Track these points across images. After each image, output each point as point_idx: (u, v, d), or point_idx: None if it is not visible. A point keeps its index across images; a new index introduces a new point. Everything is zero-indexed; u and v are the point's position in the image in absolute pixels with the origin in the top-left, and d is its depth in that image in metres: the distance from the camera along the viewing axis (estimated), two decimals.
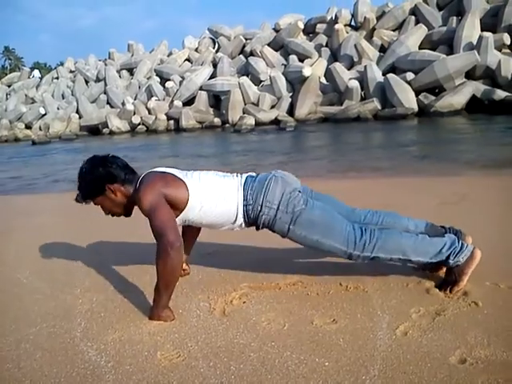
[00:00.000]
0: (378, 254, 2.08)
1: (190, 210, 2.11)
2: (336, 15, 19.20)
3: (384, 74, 15.00)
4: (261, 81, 18.28)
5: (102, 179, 2.12)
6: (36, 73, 30.06)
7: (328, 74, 16.58)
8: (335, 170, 6.62)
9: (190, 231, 2.43)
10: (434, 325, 1.82)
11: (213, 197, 2.11)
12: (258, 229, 2.22)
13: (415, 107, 13.89)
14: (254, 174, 2.26)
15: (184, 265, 2.49)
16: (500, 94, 12.73)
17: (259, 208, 2.10)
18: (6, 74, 34.08)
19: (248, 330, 1.89)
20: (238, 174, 2.25)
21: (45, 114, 22.30)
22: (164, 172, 2.17)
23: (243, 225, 2.19)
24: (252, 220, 2.15)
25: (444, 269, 2.22)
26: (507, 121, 10.64)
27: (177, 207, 2.08)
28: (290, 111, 16.30)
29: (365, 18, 18.34)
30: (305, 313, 2.00)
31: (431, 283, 2.19)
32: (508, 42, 14.39)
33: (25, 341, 1.94)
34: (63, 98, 23.90)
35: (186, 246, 2.19)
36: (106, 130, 19.20)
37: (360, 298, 2.10)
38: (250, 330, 1.89)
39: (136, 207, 2.14)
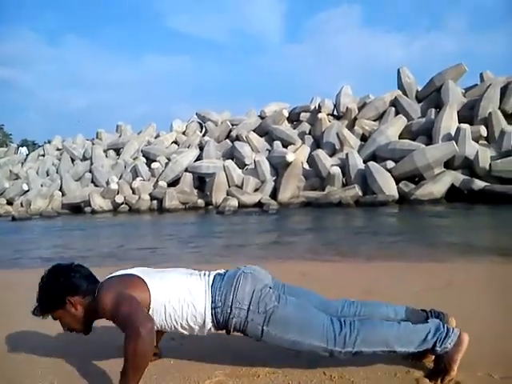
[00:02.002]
0: (361, 347, 1.93)
1: (154, 314, 1.96)
2: (319, 105, 19.99)
3: (365, 162, 15.38)
4: (245, 164, 18.60)
5: (63, 291, 1.99)
6: (23, 150, 30.31)
7: (311, 160, 16.97)
8: (317, 253, 6.51)
9: None
10: None
11: (177, 299, 1.97)
12: (228, 333, 2.06)
13: (396, 194, 14.12)
14: (222, 272, 2.14)
15: (154, 348, 2.31)
16: (479, 183, 13.05)
17: (229, 310, 1.96)
18: None
19: None
20: (206, 273, 2.12)
21: (28, 191, 22.13)
22: (122, 275, 2.06)
23: (212, 329, 2.03)
24: (222, 324, 2.00)
25: (432, 357, 2.09)
26: (487, 210, 10.84)
27: None
28: (274, 194, 16.45)
29: (347, 108, 19.12)
30: None
31: (420, 373, 2.04)
32: (485, 134, 15.00)
33: None
34: (48, 176, 23.90)
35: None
36: (87, 209, 19.02)
37: None
38: None
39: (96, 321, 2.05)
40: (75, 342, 2.66)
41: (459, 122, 15.12)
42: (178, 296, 1.97)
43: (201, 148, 20.93)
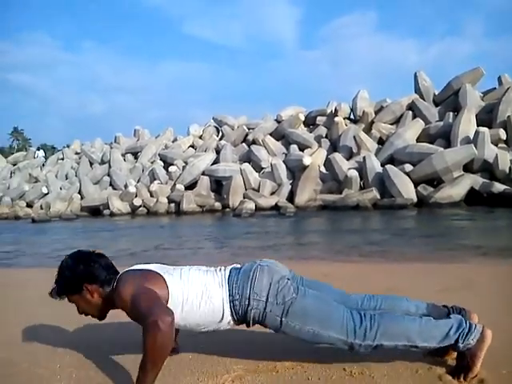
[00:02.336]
0: (381, 341, 1.90)
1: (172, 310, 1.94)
2: (336, 109, 19.94)
3: (382, 165, 15.28)
4: (262, 168, 18.61)
5: (81, 278, 2.00)
6: (40, 153, 30.67)
7: (327, 163, 16.90)
8: (337, 253, 6.48)
9: None
10: None
11: (195, 295, 1.97)
12: (248, 326, 2.04)
13: (414, 198, 13.99)
14: (238, 266, 2.14)
15: (173, 342, 2.30)
16: (498, 187, 12.87)
17: (247, 302, 1.95)
18: (13, 154, 34.83)
19: None
20: (222, 268, 2.12)
21: (47, 194, 22.45)
22: (142, 269, 2.06)
23: (231, 322, 2.02)
24: (241, 316, 1.99)
25: (454, 353, 2.05)
26: (507, 213, 10.65)
27: None
28: (290, 198, 16.41)
29: (363, 111, 19.03)
30: None
31: (442, 369, 1.99)
32: (504, 137, 14.81)
33: None
34: (66, 179, 24.20)
35: None
36: (106, 212, 19.21)
37: None
38: None
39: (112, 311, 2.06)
40: (94, 336, 2.68)
41: (477, 126, 14.94)
42: (195, 292, 1.97)
43: (217, 152, 21.00)
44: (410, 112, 17.98)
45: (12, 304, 3.89)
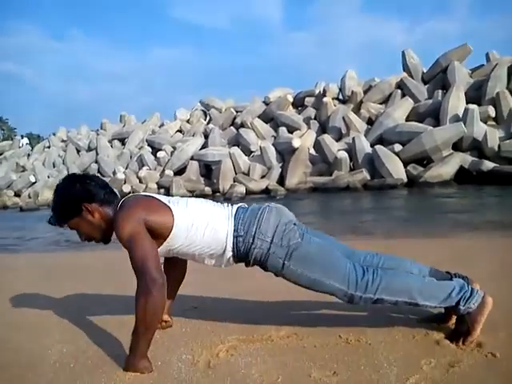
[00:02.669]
0: (382, 295, 1.87)
1: (175, 238, 1.91)
2: (324, 89, 19.76)
3: (372, 146, 15.22)
4: (251, 151, 18.48)
5: (79, 197, 1.93)
6: (25, 141, 30.25)
7: (317, 145, 16.81)
8: (329, 233, 6.45)
9: (174, 275, 2.21)
10: (449, 377, 1.60)
11: (200, 224, 1.92)
12: (247, 265, 2.00)
13: (404, 178, 13.97)
14: (245, 205, 2.09)
15: (165, 316, 2.26)
16: (488, 164, 12.87)
17: (251, 240, 1.91)
18: None
19: (236, 383, 1.65)
20: (229, 204, 2.08)
21: (35, 182, 22.20)
22: (148, 196, 2.00)
23: (231, 259, 1.98)
24: (242, 254, 1.94)
25: (452, 320, 2.03)
26: (496, 190, 10.70)
27: (161, 235, 1.89)
28: (281, 181, 16.34)
29: (352, 91, 18.89)
30: (301, 365, 1.77)
31: (440, 335, 1.97)
32: (493, 115, 14.76)
33: None
34: (54, 167, 23.93)
35: (168, 292, 1.96)
36: None
37: (363, 351, 1.88)
38: (239, 382, 1.66)
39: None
40: (85, 312, 2.63)
41: (467, 103, 14.90)
42: (201, 221, 1.92)
43: (206, 136, 20.83)
44: (399, 91, 17.89)
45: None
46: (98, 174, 21.31)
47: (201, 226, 1.92)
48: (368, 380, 1.61)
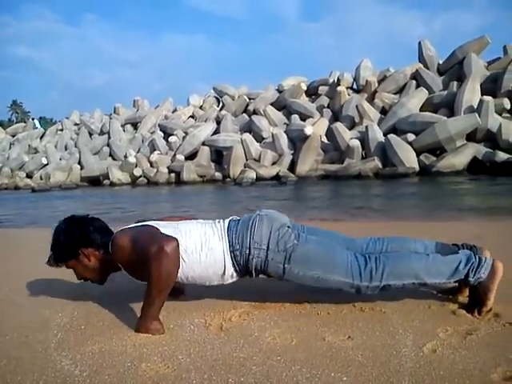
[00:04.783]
0: (388, 281, 1.84)
1: None
2: (338, 78, 19.59)
3: (385, 135, 15.09)
4: (263, 138, 18.41)
5: (76, 242, 1.95)
6: (36, 122, 30.34)
7: (329, 133, 16.70)
8: (338, 215, 6.40)
9: None
10: (467, 343, 1.56)
11: (195, 247, 1.90)
12: (251, 276, 1.97)
13: (416, 166, 13.86)
14: (236, 218, 2.06)
15: (178, 284, 2.25)
16: (502, 156, 12.73)
17: (247, 251, 1.88)
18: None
19: (249, 345, 1.63)
20: (220, 220, 2.04)
21: (46, 164, 22.31)
22: (136, 225, 1.99)
23: (234, 275, 1.96)
24: (243, 267, 1.92)
25: (466, 292, 1.99)
26: (509, 180, 10.56)
27: None
28: (292, 168, 16.27)
29: (366, 81, 18.70)
30: (315, 330, 1.75)
31: (456, 305, 1.94)
32: (508, 107, 14.59)
33: None
34: (66, 150, 24.01)
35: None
36: (106, 182, 19.13)
37: (377, 318, 1.85)
38: (252, 344, 1.64)
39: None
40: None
41: (482, 95, 14.71)
42: (194, 244, 1.90)
43: (218, 122, 20.77)
44: (414, 81, 17.68)
45: (13, 257, 3.84)
46: (110, 158, 21.41)
47: (195, 249, 1.89)
48: (383, 345, 1.58)
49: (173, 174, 18.17)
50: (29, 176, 22.15)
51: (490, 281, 1.82)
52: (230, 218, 2.08)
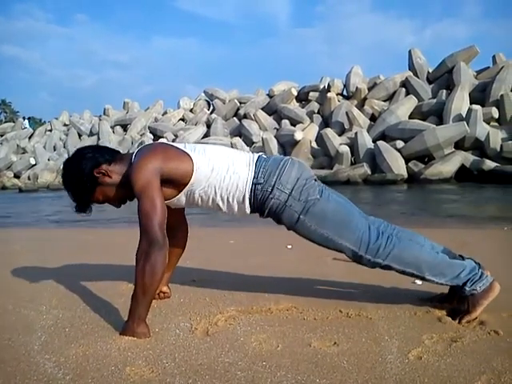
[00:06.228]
0: (391, 263, 1.85)
1: (195, 183, 1.86)
2: (329, 84, 19.69)
3: (374, 142, 15.18)
4: (253, 142, 18.43)
5: (87, 168, 1.87)
6: (26, 123, 30.00)
7: (319, 138, 16.77)
8: None
9: (173, 247, 2.14)
10: (452, 351, 1.57)
11: (221, 168, 1.86)
12: (262, 215, 1.95)
13: (405, 173, 13.95)
14: (265, 155, 2.02)
15: (164, 287, 2.24)
16: (489, 164, 12.87)
17: (270, 189, 1.85)
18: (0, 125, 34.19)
19: (235, 350, 1.62)
20: (250, 151, 2.04)
21: (35, 165, 22.14)
22: (163, 143, 1.98)
23: (247, 207, 1.92)
24: (258, 203, 1.89)
25: (455, 302, 2.00)
26: (497, 189, 10.69)
27: (181, 182, 1.84)
28: None
29: (356, 88, 18.81)
30: (301, 335, 1.74)
31: (442, 312, 1.95)
32: (496, 116, 14.75)
33: None
34: (55, 150, 23.85)
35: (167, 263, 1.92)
36: None
37: (363, 324, 1.85)
38: (237, 349, 1.63)
39: None
40: (81, 279, 2.60)
41: (470, 104, 14.86)
42: (221, 165, 1.87)
43: (208, 125, 20.77)
44: (404, 89, 17.82)
45: None
46: None
47: (221, 170, 1.86)
48: (369, 351, 1.58)
49: None
50: (16, 176, 21.93)
51: (483, 296, 1.84)
52: (260, 153, 2.05)
